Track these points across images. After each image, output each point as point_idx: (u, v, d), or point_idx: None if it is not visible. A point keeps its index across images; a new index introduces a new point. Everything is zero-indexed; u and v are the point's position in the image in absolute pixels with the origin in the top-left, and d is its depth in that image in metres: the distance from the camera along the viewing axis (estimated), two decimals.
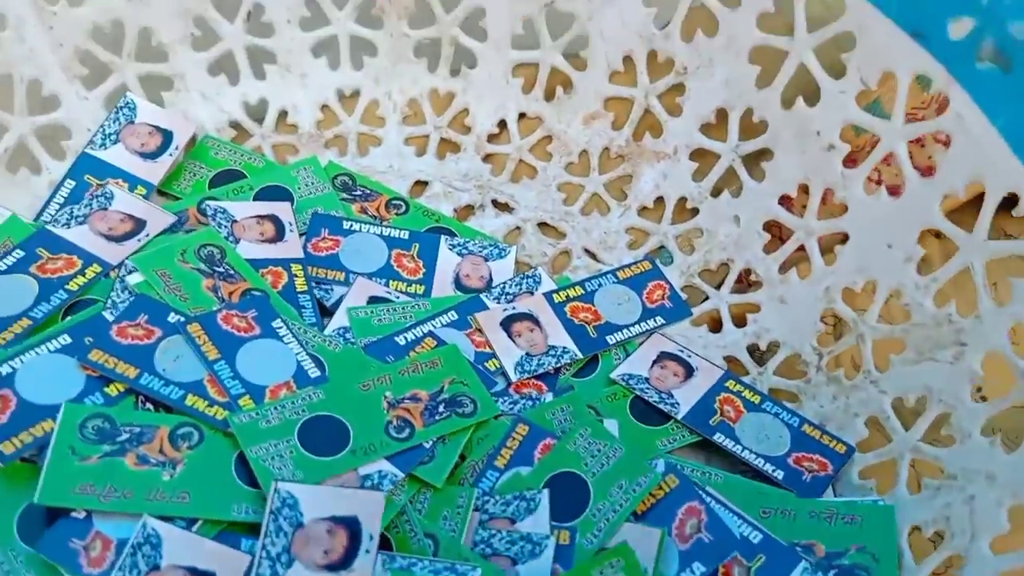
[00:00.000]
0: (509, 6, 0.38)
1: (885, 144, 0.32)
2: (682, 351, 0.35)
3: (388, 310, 0.33)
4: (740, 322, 0.36)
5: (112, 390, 0.28)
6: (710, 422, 0.32)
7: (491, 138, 0.40)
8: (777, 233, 0.36)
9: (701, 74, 0.37)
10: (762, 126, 0.36)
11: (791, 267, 0.35)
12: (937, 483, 0.28)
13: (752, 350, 0.35)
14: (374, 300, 0.34)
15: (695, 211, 0.38)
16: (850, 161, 0.33)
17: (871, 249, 0.32)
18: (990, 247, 0.29)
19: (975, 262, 0.29)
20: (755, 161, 0.36)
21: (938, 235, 0.31)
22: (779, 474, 0.31)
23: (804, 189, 0.35)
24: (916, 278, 0.31)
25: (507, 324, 0.34)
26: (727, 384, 0.34)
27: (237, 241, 0.34)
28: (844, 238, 0.34)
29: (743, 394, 0.33)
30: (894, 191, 0.32)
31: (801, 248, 0.35)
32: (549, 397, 0.32)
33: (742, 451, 0.31)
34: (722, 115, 0.37)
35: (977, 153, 0.29)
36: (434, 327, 0.33)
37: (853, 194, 0.33)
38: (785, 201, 0.36)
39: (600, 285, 0.36)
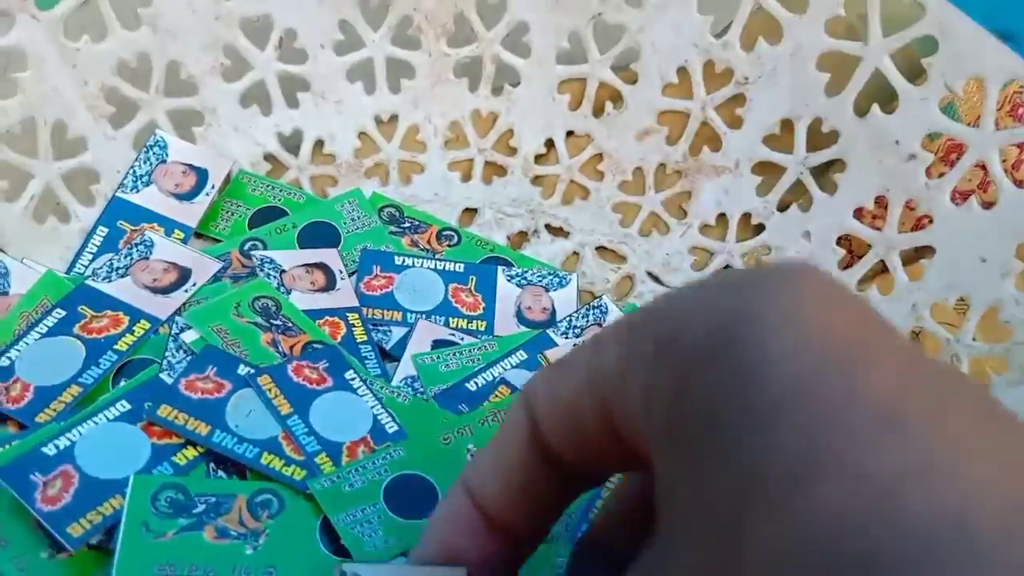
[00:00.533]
0: (554, 19, 0.37)
1: (973, 152, 0.30)
2: None
3: (455, 354, 0.31)
4: None
5: (181, 458, 0.26)
6: None
7: (539, 159, 0.39)
8: (847, 247, 0.35)
9: (764, 84, 0.35)
10: (833, 136, 0.34)
11: (870, 283, 0.34)
12: None
13: None
14: (438, 344, 0.32)
15: (761, 227, 0.36)
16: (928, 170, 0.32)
17: (962, 264, 0.31)
18: None
19: None
20: (825, 173, 0.35)
21: None
22: None
23: (880, 202, 0.33)
24: (1016, 293, 0.30)
25: None
26: None
27: (288, 292, 0.32)
28: (926, 252, 0.32)
29: None
30: (987, 205, 0.30)
31: (880, 263, 0.33)
32: None
33: None
34: (788, 126, 0.35)
35: None
36: (504, 369, 0.31)
37: (939, 205, 0.31)
38: (856, 213, 0.34)
39: None
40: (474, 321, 0.33)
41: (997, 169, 0.30)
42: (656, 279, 0.36)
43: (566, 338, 0.33)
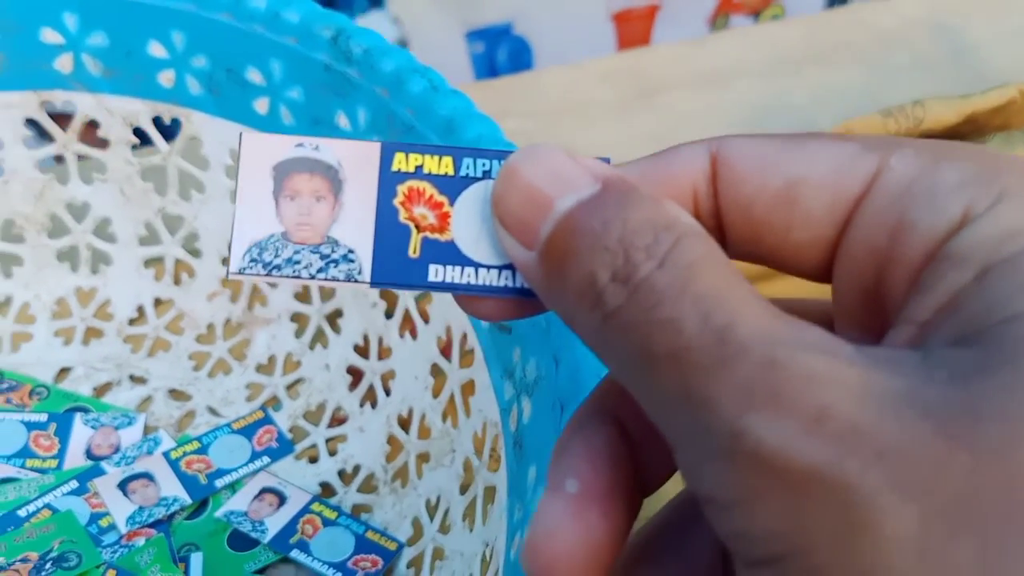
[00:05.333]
0: (129, 213, 0.47)
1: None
2: (280, 483, 0.42)
3: (15, 488, 0.40)
4: (333, 452, 0.44)
5: None
6: (290, 541, 0.40)
7: (132, 322, 0.48)
8: (355, 374, 0.45)
9: None
10: (333, 292, 0.44)
11: (367, 402, 0.44)
12: (440, 563, 0.37)
13: (341, 474, 0.43)
14: (5, 481, 0.40)
15: (299, 363, 0.46)
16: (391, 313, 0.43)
17: (409, 383, 0.41)
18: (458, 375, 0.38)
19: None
20: (334, 319, 0.45)
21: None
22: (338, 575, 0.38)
23: (366, 340, 0.44)
24: (432, 402, 0.40)
25: (124, 484, 0.41)
26: (312, 506, 0.41)
27: None
28: (394, 374, 0.42)
29: (323, 513, 0.41)
30: (415, 334, 0.41)
31: (371, 386, 0.43)
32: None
33: (312, 561, 0.39)
34: (306, 287, 0.45)
35: None
36: (55, 497, 0.40)
37: (393, 339, 0.42)
38: (357, 349, 0.44)
39: (216, 437, 0.43)
40: (47, 460, 0.42)
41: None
42: (214, 411, 0.45)
43: (117, 466, 0.41)
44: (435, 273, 0.18)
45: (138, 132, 0.45)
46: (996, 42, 0.61)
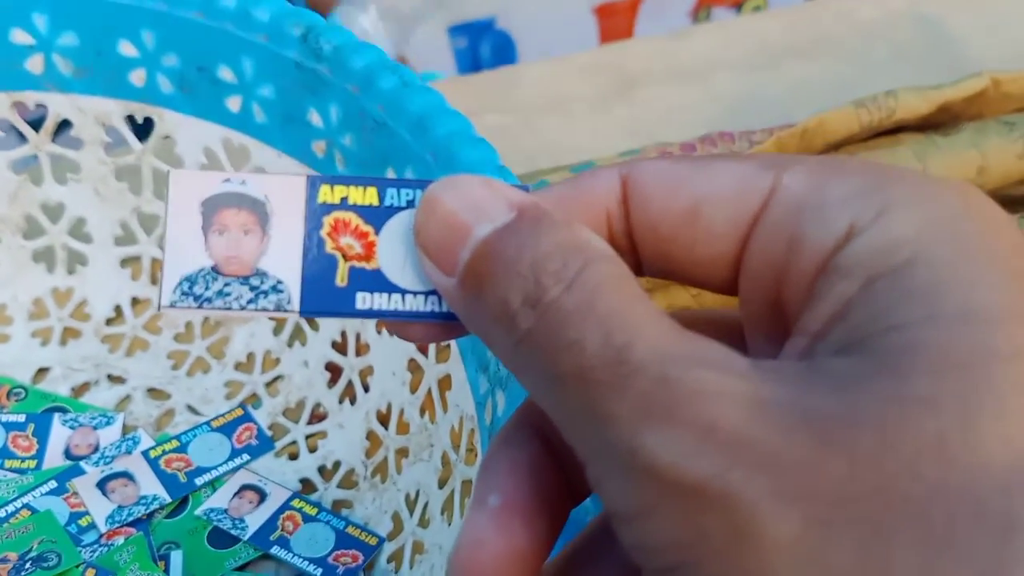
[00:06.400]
0: (105, 213, 0.46)
1: None
2: (260, 480, 0.42)
3: None
4: (313, 448, 0.44)
5: None
6: (271, 537, 0.40)
7: (109, 321, 0.48)
8: (333, 370, 0.45)
9: None
10: None
11: (346, 398, 0.44)
12: (420, 557, 0.37)
13: (321, 470, 0.43)
14: None
15: (278, 361, 0.46)
16: None
17: (387, 379, 0.41)
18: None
19: None
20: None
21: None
22: (319, 571, 0.38)
23: (344, 337, 0.44)
24: (410, 398, 0.40)
25: (103, 484, 0.41)
26: (292, 503, 0.41)
27: None
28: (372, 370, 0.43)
29: (303, 509, 0.41)
30: None
31: (350, 382, 0.43)
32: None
33: (293, 558, 0.39)
34: None
35: None
36: (34, 497, 0.40)
37: (370, 336, 0.42)
38: (335, 345, 0.44)
39: (195, 435, 0.43)
40: (26, 461, 0.42)
41: None
42: (194, 410, 0.45)
43: (96, 466, 0.41)
44: (363, 301, 0.19)
45: (112, 132, 0.45)
46: (977, 34, 0.62)
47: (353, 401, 0.43)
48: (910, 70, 0.59)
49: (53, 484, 0.40)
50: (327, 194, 0.19)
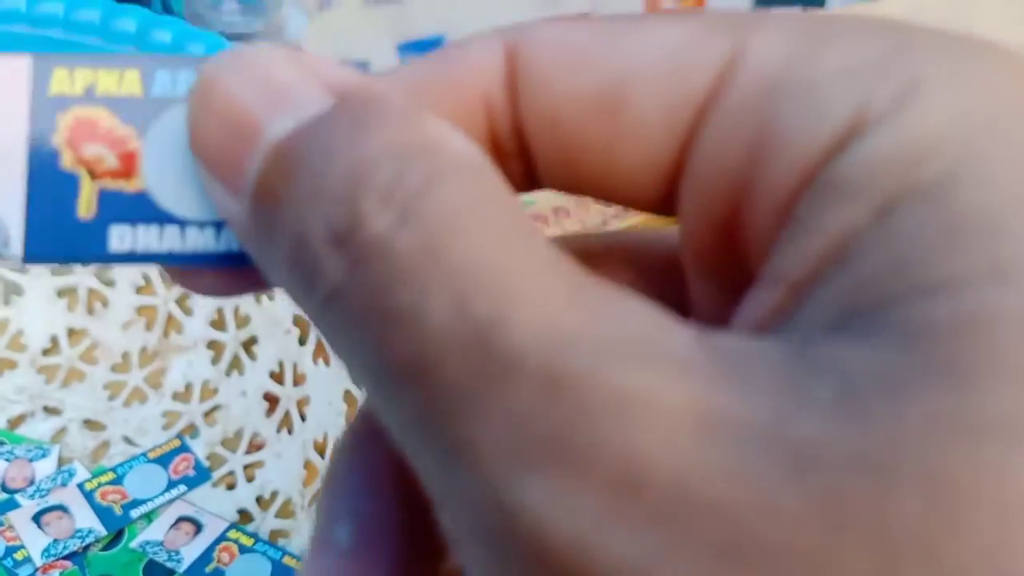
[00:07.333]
0: None
1: None
2: (196, 512, 0.43)
3: None
4: (251, 478, 0.44)
5: None
6: (206, 569, 0.40)
7: (45, 352, 0.48)
8: (271, 400, 0.45)
9: None
10: (248, 319, 0.45)
11: (283, 428, 0.44)
12: None
13: (259, 500, 0.44)
14: None
15: (216, 391, 0.46)
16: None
17: (324, 409, 0.42)
18: None
19: None
20: (249, 346, 0.46)
21: None
22: None
23: (281, 367, 0.44)
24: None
25: (38, 517, 0.41)
26: (229, 534, 0.42)
27: None
28: (309, 400, 0.43)
29: (240, 540, 0.41)
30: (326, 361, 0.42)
31: (287, 412, 0.44)
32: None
33: None
34: (221, 314, 0.46)
35: None
36: None
37: (307, 366, 0.43)
38: (273, 376, 0.45)
39: (131, 467, 0.44)
40: None
41: None
42: (130, 441, 0.46)
43: (32, 499, 0.42)
44: (120, 239, 0.13)
45: None
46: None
47: (291, 431, 0.44)
48: None
49: None
50: (64, 82, 0.13)
